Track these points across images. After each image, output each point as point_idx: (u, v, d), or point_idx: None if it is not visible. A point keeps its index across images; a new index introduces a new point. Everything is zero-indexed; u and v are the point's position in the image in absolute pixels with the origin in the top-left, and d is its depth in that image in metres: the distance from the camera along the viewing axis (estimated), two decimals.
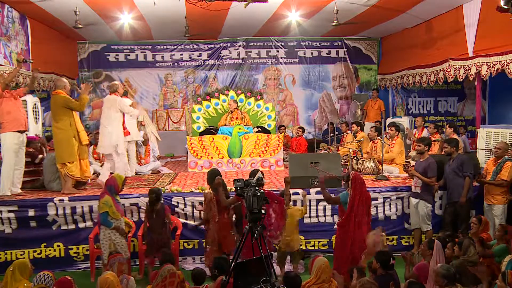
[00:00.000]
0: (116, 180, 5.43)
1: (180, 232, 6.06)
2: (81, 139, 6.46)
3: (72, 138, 6.34)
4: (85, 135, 6.58)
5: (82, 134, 6.50)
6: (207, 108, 9.69)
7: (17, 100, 6.32)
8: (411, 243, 6.49)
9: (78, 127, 6.45)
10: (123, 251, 5.26)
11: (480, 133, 7.60)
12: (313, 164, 6.51)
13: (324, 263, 4.17)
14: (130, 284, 4.26)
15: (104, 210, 5.28)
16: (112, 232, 5.31)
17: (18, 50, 7.83)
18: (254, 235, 3.90)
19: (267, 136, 8.72)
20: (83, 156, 6.57)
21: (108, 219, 5.30)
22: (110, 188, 5.42)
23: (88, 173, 6.73)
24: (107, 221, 5.31)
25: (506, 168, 5.91)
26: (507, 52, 6.62)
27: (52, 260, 6.11)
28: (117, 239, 5.33)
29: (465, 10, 7.77)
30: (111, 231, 5.32)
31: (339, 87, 12.64)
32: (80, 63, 11.85)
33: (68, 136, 6.32)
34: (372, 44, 12.47)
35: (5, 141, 6.23)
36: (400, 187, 6.62)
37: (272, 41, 12.24)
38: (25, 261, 4.23)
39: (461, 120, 11.84)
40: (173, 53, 12.18)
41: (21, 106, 6.39)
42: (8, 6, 7.46)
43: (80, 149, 6.46)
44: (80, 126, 6.52)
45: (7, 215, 6.04)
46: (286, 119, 12.61)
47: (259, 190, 4.01)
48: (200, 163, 8.57)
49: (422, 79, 9.55)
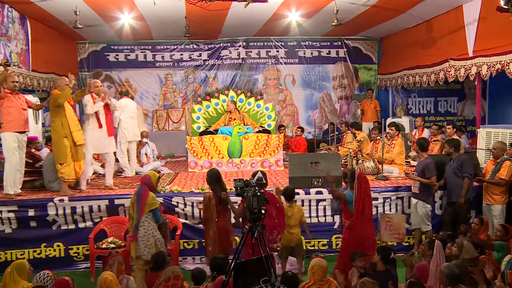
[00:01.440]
0: (151, 178, 5.27)
1: (180, 232, 6.06)
2: (74, 139, 6.29)
3: (63, 139, 6.23)
4: (79, 136, 6.37)
5: (76, 135, 6.31)
6: (207, 108, 9.69)
7: (19, 101, 6.27)
8: (411, 243, 6.49)
9: (72, 127, 6.28)
10: (162, 247, 5.13)
11: (480, 133, 7.60)
12: (313, 164, 6.52)
13: (317, 264, 4.15)
14: (130, 284, 4.25)
15: (156, 205, 5.13)
16: (155, 228, 5.12)
17: (18, 50, 7.84)
18: (254, 235, 3.91)
19: (267, 136, 8.72)
20: (77, 158, 6.38)
21: (159, 214, 5.19)
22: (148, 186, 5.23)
23: (80, 174, 6.54)
24: (159, 216, 5.17)
25: (505, 167, 5.91)
26: (507, 52, 6.61)
27: (52, 260, 6.11)
28: (158, 235, 5.17)
29: (465, 10, 7.77)
30: (154, 228, 5.12)
31: (339, 87, 12.64)
32: (80, 63, 11.85)
33: (59, 136, 6.25)
34: (372, 44, 12.47)
35: (4, 141, 6.22)
36: (400, 187, 6.63)
37: (272, 41, 12.24)
38: (23, 261, 4.22)
39: (461, 120, 11.83)
40: (173, 53, 12.18)
41: (23, 107, 6.30)
42: (8, 6, 7.46)
43: (74, 150, 6.32)
44: (74, 126, 6.32)
45: (7, 215, 6.04)
46: (286, 119, 12.61)
47: (259, 190, 4.01)
48: (200, 163, 8.57)
49: (422, 79, 9.55)
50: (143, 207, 5.03)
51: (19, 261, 4.28)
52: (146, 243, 5.01)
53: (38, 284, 3.82)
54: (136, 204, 5.07)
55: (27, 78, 8.04)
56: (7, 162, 6.23)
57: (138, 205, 5.05)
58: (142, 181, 5.26)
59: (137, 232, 5.02)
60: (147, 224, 5.07)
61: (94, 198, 6.29)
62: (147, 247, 5.00)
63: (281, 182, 7.16)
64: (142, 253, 4.99)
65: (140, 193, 5.09)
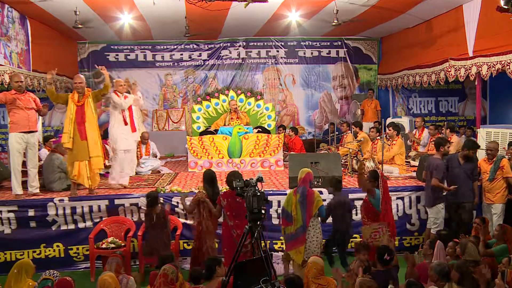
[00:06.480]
0: (312, 174, 5.14)
1: (180, 232, 6.06)
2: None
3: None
4: (65, 138, 6.22)
5: (63, 137, 6.33)
6: (207, 108, 9.68)
7: (24, 101, 6.26)
8: (413, 244, 6.46)
9: (64, 128, 6.31)
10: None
11: (480, 133, 7.60)
12: (313, 164, 6.51)
13: (312, 262, 4.16)
14: (130, 284, 4.25)
15: (322, 202, 5.03)
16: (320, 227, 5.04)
17: (18, 50, 7.83)
18: (254, 235, 3.90)
19: (267, 136, 8.72)
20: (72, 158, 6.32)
21: (324, 211, 5.09)
22: (310, 184, 5.12)
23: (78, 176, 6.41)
24: (324, 212, 5.11)
25: (507, 166, 5.96)
26: (507, 52, 6.61)
27: (52, 261, 6.10)
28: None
29: (465, 10, 7.77)
30: (320, 227, 5.03)
31: (339, 87, 12.64)
32: (80, 63, 11.84)
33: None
34: (372, 44, 12.47)
35: (10, 142, 6.30)
36: (400, 187, 6.62)
37: (272, 41, 12.24)
38: (28, 260, 4.26)
39: (463, 120, 11.84)
40: (173, 53, 12.17)
41: (29, 106, 6.30)
42: (8, 6, 7.45)
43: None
44: (65, 127, 6.25)
45: (7, 215, 6.04)
46: (286, 119, 12.60)
47: (259, 190, 4.01)
48: (200, 163, 8.56)
49: (422, 79, 9.54)
50: (311, 207, 4.87)
51: (24, 260, 4.32)
52: (316, 242, 4.93)
53: (46, 277, 3.86)
54: (301, 205, 4.88)
55: (27, 78, 8.03)
56: (11, 162, 6.31)
57: (305, 205, 4.87)
58: (304, 180, 5.02)
59: (305, 234, 4.85)
60: (316, 222, 4.98)
61: (94, 198, 6.27)
62: (317, 248, 4.94)
63: (281, 182, 7.16)
64: (313, 253, 4.83)
65: (305, 193, 4.91)
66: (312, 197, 4.90)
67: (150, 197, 5.59)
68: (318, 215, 5.02)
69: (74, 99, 6.22)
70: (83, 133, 6.17)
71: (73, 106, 6.19)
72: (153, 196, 5.60)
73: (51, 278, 3.85)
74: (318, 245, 4.96)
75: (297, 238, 4.85)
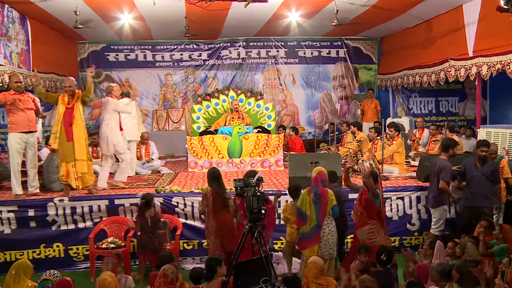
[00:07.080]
0: (324, 173, 5.11)
1: (180, 232, 6.06)
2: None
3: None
4: (52, 139, 6.32)
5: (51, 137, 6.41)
6: (207, 108, 9.69)
7: (23, 101, 6.27)
8: (413, 244, 6.45)
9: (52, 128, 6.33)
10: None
11: (480, 133, 7.60)
12: (313, 164, 6.51)
13: (312, 262, 4.15)
14: (128, 283, 4.26)
15: (335, 202, 5.00)
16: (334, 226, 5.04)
17: (18, 50, 7.84)
18: (254, 235, 3.91)
19: (267, 136, 8.72)
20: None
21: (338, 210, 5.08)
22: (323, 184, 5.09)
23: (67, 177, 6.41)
24: (337, 211, 5.08)
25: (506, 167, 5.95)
26: (507, 52, 6.61)
27: (51, 261, 6.10)
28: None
29: (465, 10, 7.76)
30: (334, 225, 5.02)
31: (339, 87, 12.63)
32: (80, 63, 11.83)
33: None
34: (372, 44, 12.47)
35: (10, 142, 6.31)
36: (400, 187, 6.62)
37: (272, 41, 12.24)
38: (26, 261, 4.24)
39: (463, 120, 11.83)
40: (173, 53, 12.17)
41: (28, 106, 6.31)
42: (8, 6, 7.45)
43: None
44: (53, 128, 6.31)
45: (7, 215, 6.04)
46: (286, 119, 12.60)
47: (259, 190, 4.01)
48: (200, 163, 8.56)
49: (422, 79, 9.54)
50: (325, 206, 4.87)
51: (22, 260, 4.29)
52: (332, 240, 4.92)
53: (46, 277, 3.86)
54: (315, 204, 4.88)
55: (27, 78, 8.03)
56: (11, 162, 6.32)
57: (319, 205, 4.86)
58: (315, 179, 5.00)
59: (320, 232, 4.86)
60: (330, 221, 4.96)
61: (94, 198, 6.28)
62: (332, 248, 4.93)
63: (281, 182, 7.17)
64: (328, 251, 4.87)
65: (318, 193, 4.91)
66: (326, 196, 4.90)
67: (145, 199, 5.57)
68: (331, 214, 5.02)
69: (64, 100, 6.25)
70: (69, 135, 6.18)
71: (63, 108, 6.21)
72: (148, 199, 5.58)
73: (51, 279, 3.84)
74: (333, 243, 4.95)
75: (312, 237, 4.87)
